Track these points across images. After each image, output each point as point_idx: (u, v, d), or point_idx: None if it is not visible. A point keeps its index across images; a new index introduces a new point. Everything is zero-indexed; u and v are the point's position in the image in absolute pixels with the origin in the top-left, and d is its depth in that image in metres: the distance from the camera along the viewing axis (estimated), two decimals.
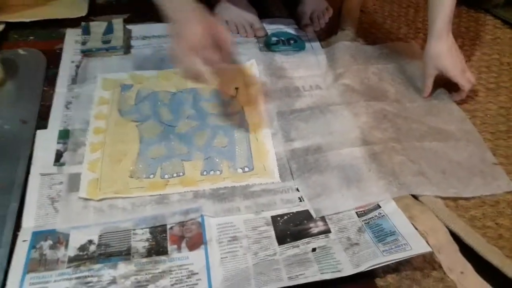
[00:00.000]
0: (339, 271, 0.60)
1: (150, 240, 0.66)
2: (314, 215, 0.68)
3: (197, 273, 0.62)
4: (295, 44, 1.00)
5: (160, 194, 0.71)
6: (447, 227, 0.66)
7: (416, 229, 0.65)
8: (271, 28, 1.03)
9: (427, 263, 0.63)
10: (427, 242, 0.63)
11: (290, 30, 1.04)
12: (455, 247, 0.64)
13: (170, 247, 0.65)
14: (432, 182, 0.73)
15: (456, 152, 0.79)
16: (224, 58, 0.69)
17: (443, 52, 0.83)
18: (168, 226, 0.67)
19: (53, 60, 0.92)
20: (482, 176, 0.75)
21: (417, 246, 0.61)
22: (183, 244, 0.65)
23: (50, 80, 0.88)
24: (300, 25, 1.05)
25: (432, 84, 0.88)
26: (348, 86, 0.88)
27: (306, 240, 0.66)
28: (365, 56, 0.97)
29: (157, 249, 0.65)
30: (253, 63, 0.93)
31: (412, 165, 0.75)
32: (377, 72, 0.94)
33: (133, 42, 0.98)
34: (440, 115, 0.86)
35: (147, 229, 0.67)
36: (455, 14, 1.09)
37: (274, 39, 1.00)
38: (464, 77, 0.84)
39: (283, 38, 1.00)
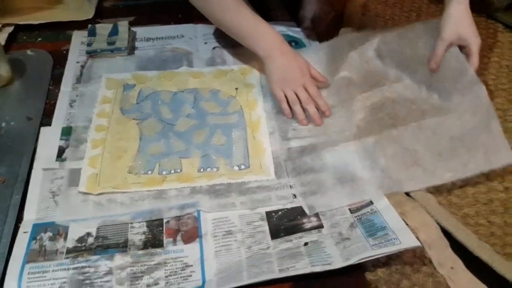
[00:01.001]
0: (329, 264, 0.61)
1: (147, 233, 0.67)
2: (307, 212, 0.70)
3: (191, 265, 0.63)
4: (297, 46, 1.02)
5: (157, 190, 0.72)
6: (438, 224, 0.67)
7: (407, 224, 0.65)
8: None
9: (417, 258, 0.64)
10: (417, 237, 0.63)
11: (292, 33, 1.05)
12: (445, 242, 0.65)
13: (166, 240, 0.66)
14: (427, 170, 0.73)
15: (458, 126, 0.76)
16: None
17: (466, 16, 0.77)
18: (165, 220, 0.69)
19: (60, 60, 0.95)
20: (484, 150, 0.73)
21: (406, 241, 0.62)
22: (179, 237, 0.67)
23: (56, 79, 0.91)
24: (302, 28, 1.07)
25: (442, 53, 0.80)
26: (344, 79, 0.88)
27: (299, 234, 0.67)
28: (364, 37, 0.94)
29: (153, 242, 0.66)
30: (253, 64, 0.95)
31: (405, 154, 0.74)
32: (376, 49, 0.91)
33: (137, 44, 1.01)
34: (446, 81, 0.81)
35: (144, 223, 0.68)
36: None
37: None
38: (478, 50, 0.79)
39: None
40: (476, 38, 0.78)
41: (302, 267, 0.61)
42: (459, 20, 0.78)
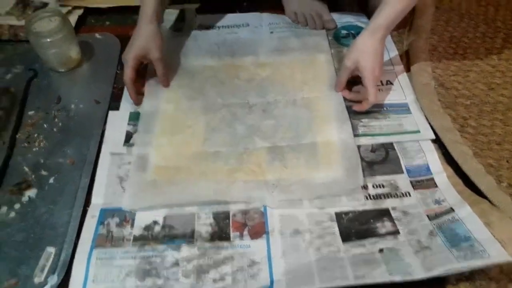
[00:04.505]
0: (409, 274, 0.57)
1: (213, 225, 0.66)
2: None
3: (258, 262, 0.61)
4: None
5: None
6: None
7: (493, 236, 0.60)
8: (341, 21, 1.00)
9: (504, 274, 0.59)
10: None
11: (361, 24, 1.00)
12: None
13: (233, 233, 0.65)
14: None
15: None
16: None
17: (370, 48, 0.76)
18: (231, 213, 0.67)
19: (127, 45, 0.94)
20: None
21: (495, 254, 0.57)
22: (245, 232, 0.65)
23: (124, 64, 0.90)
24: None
25: (345, 80, 0.81)
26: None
27: (373, 239, 0.63)
28: None
29: (219, 234, 0.65)
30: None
31: None
32: None
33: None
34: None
35: (211, 214, 0.67)
36: None
37: (343, 32, 0.97)
38: (375, 86, 0.76)
39: (353, 32, 0.97)
40: (371, 71, 0.76)
41: (380, 275, 0.57)
42: (361, 51, 0.77)
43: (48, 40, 0.82)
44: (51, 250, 0.63)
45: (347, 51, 0.80)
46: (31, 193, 0.69)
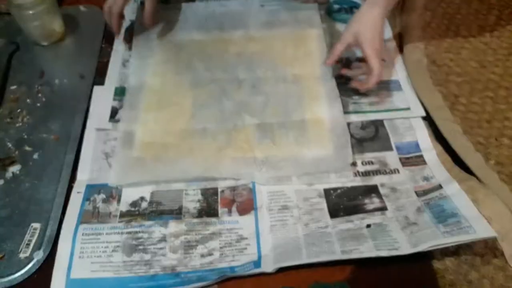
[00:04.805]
0: (396, 249, 0.57)
1: (201, 201, 0.65)
2: None
3: (246, 238, 0.61)
4: None
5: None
6: None
7: (480, 213, 0.61)
8: None
9: (488, 249, 0.60)
10: None
11: None
12: None
13: (221, 209, 0.64)
14: None
15: None
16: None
17: (370, 21, 0.73)
18: (219, 189, 0.67)
19: None
20: None
21: (481, 230, 0.57)
22: (234, 208, 0.64)
23: (109, 37, 0.88)
24: None
25: (340, 53, 0.76)
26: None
27: (361, 215, 0.63)
28: None
29: (207, 210, 0.64)
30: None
31: None
32: None
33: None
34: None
35: (199, 191, 0.66)
36: None
37: (336, 6, 0.95)
38: (377, 57, 0.72)
39: (345, 6, 0.95)
40: (372, 44, 0.72)
41: (367, 250, 0.57)
42: (360, 24, 0.74)
43: (30, 12, 0.79)
44: (36, 225, 0.62)
45: (346, 26, 0.77)
46: (15, 169, 0.68)
